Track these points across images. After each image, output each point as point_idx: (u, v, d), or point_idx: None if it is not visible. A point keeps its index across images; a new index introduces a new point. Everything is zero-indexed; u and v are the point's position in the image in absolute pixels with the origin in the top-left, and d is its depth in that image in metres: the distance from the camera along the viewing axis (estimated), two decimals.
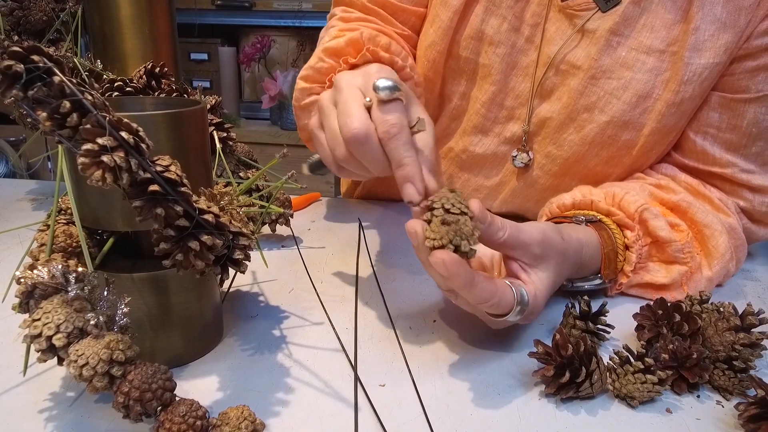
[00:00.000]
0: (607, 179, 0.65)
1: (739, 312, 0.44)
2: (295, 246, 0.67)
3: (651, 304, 0.48)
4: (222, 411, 0.36)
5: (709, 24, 0.56)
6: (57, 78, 0.29)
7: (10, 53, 0.28)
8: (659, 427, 0.39)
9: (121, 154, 0.30)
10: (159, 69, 0.59)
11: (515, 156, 0.69)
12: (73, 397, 0.40)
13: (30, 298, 0.36)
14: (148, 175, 0.31)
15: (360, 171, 0.46)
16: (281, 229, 0.69)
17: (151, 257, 0.38)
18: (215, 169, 0.54)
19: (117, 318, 0.35)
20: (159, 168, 0.32)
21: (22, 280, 0.35)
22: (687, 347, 0.42)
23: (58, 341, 0.33)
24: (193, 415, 0.34)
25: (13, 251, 0.63)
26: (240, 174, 0.64)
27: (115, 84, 0.55)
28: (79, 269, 0.36)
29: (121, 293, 0.36)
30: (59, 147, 0.39)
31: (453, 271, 0.38)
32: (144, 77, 0.58)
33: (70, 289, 0.34)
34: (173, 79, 0.60)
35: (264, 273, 0.60)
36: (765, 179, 0.60)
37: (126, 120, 0.31)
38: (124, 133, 0.30)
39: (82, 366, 0.32)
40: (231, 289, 0.55)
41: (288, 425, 0.38)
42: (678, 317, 0.45)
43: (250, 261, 0.38)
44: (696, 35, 0.56)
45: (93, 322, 0.34)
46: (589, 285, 0.55)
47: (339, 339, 0.48)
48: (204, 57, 2.28)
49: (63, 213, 0.45)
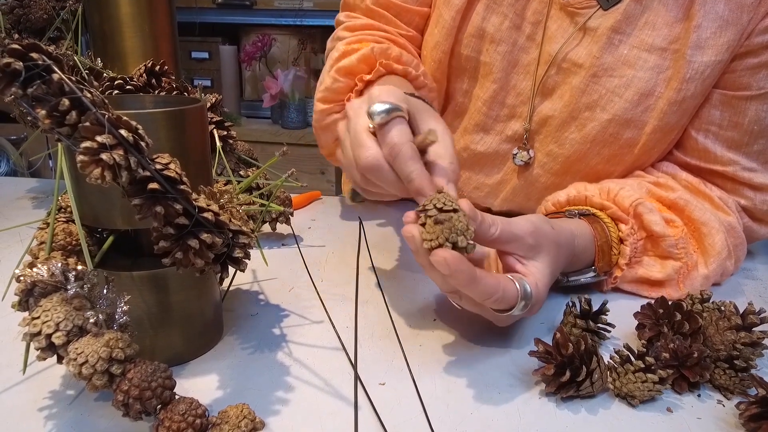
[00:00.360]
0: (609, 177, 0.65)
1: (740, 311, 0.44)
2: (296, 244, 0.67)
3: (652, 302, 0.48)
4: (222, 409, 0.36)
5: (711, 22, 0.56)
6: (56, 76, 0.29)
7: (9, 51, 0.28)
8: (660, 426, 0.39)
9: (121, 152, 0.30)
10: (159, 67, 0.59)
11: (516, 154, 0.69)
12: (73, 396, 0.40)
13: (29, 296, 0.36)
14: (147, 173, 0.31)
15: (384, 192, 0.48)
16: (281, 228, 0.69)
17: (151, 255, 0.38)
18: (215, 168, 0.53)
19: (116, 316, 0.35)
20: (158, 166, 0.32)
21: (21, 278, 0.35)
22: (688, 346, 0.42)
23: (57, 339, 0.33)
24: (193, 414, 0.34)
25: (14, 249, 0.63)
26: (240, 172, 0.64)
27: (115, 82, 0.55)
28: (79, 267, 0.36)
29: (121, 291, 0.36)
30: (59, 145, 0.39)
31: (455, 268, 0.38)
32: (144, 75, 0.58)
33: (69, 288, 0.34)
34: (173, 78, 0.60)
35: (264, 271, 0.60)
36: (766, 177, 0.60)
37: (125, 118, 0.31)
38: (123, 131, 0.30)
39: (81, 364, 0.32)
40: (231, 288, 0.55)
41: (288, 424, 0.38)
42: (679, 316, 0.45)
43: (249, 259, 0.38)
44: (698, 33, 0.56)
45: (92, 320, 0.34)
46: (585, 278, 0.55)
47: (339, 337, 0.48)
48: (205, 55, 2.27)
49: (63, 211, 0.45)
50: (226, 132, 0.59)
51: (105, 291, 0.35)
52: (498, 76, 0.67)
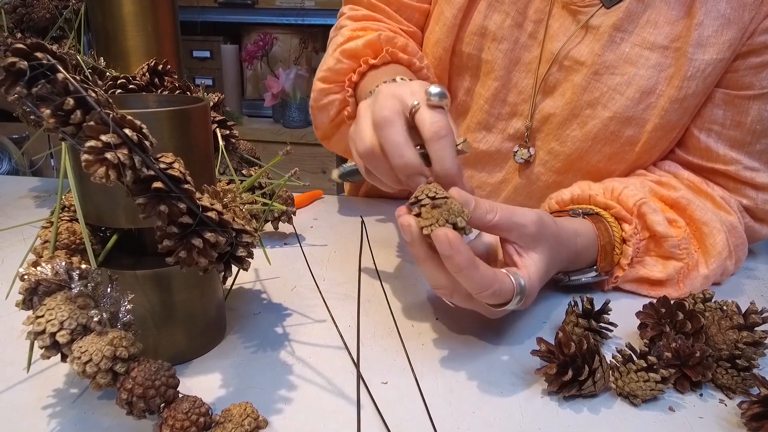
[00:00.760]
0: (610, 176, 0.65)
1: (742, 310, 0.44)
2: (298, 243, 0.67)
3: (654, 302, 0.48)
4: (225, 408, 0.36)
5: (713, 20, 0.56)
6: (61, 75, 0.29)
7: (13, 50, 0.28)
8: (662, 426, 0.39)
9: (125, 151, 0.30)
10: (162, 66, 0.59)
11: (516, 152, 0.69)
12: (77, 394, 0.40)
13: (33, 294, 0.36)
14: (151, 173, 0.31)
15: (386, 170, 0.48)
16: (284, 227, 0.69)
17: (155, 254, 0.39)
18: (218, 167, 0.54)
19: (120, 315, 0.35)
20: (162, 165, 0.32)
21: (25, 276, 0.36)
22: (690, 345, 0.42)
23: (61, 338, 0.33)
24: (196, 412, 0.34)
25: (17, 248, 0.63)
26: (243, 171, 0.64)
27: (118, 81, 0.55)
28: (83, 266, 0.36)
29: (125, 290, 0.36)
30: (62, 144, 0.39)
31: (456, 248, 0.38)
32: (147, 74, 0.58)
33: (73, 286, 0.34)
34: (176, 77, 0.60)
35: (267, 270, 0.60)
36: None
37: (129, 117, 0.31)
38: (127, 131, 0.30)
39: (85, 363, 0.32)
40: (234, 287, 0.56)
41: (290, 422, 0.38)
42: (681, 315, 0.45)
43: (252, 258, 0.38)
44: (699, 31, 0.56)
45: (96, 318, 0.34)
46: (586, 278, 0.55)
47: (341, 336, 0.48)
48: (206, 54, 2.28)
49: (66, 210, 0.45)
50: (228, 131, 0.59)
51: (109, 290, 0.35)
52: (500, 74, 0.67)
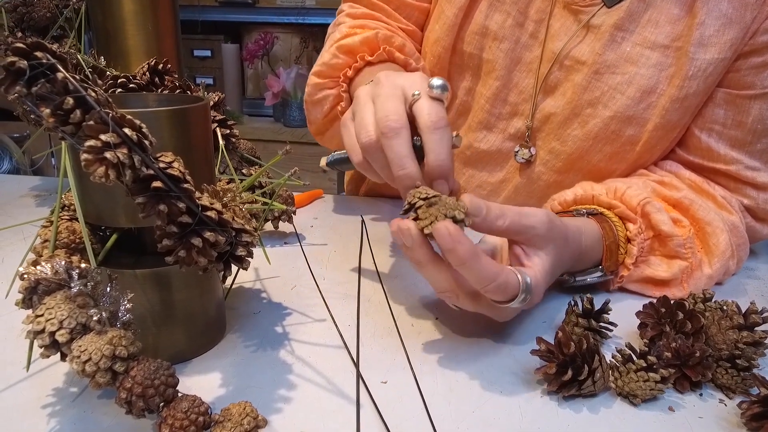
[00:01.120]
0: (611, 176, 0.65)
1: (742, 310, 0.44)
2: (298, 243, 0.67)
3: (654, 302, 0.48)
4: (224, 407, 0.36)
5: (715, 19, 0.56)
6: (60, 74, 0.29)
7: (13, 50, 0.28)
8: (662, 426, 0.39)
9: (125, 150, 0.30)
10: (162, 66, 0.59)
11: (517, 151, 0.69)
12: (76, 393, 0.40)
13: (33, 294, 0.36)
14: (151, 172, 0.31)
15: (384, 164, 0.47)
16: (284, 226, 0.69)
17: (154, 254, 0.39)
18: (218, 166, 0.54)
19: (120, 314, 0.35)
20: (162, 165, 0.32)
21: (25, 276, 0.36)
22: (690, 345, 0.42)
23: (61, 337, 0.33)
24: (196, 411, 0.34)
25: (17, 247, 0.63)
26: (243, 171, 0.64)
27: (119, 80, 0.55)
28: (82, 265, 0.36)
29: (124, 289, 0.36)
30: (63, 143, 0.39)
31: (457, 239, 0.38)
32: (147, 74, 0.58)
33: (73, 285, 0.34)
34: (176, 76, 0.60)
35: (266, 270, 0.60)
36: None
37: (129, 117, 0.31)
38: (127, 130, 0.30)
39: (84, 362, 0.32)
40: (233, 286, 0.56)
41: (290, 421, 0.38)
42: (681, 315, 0.45)
43: (252, 258, 0.38)
44: (701, 30, 0.56)
45: (96, 318, 0.34)
46: (591, 278, 0.55)
47: (341, 336, 0.48)
48: (207, 54, 2.28)
49: (66, 209, 0.45)
50: (228, 131, 0.59)
51: (108, 289, 0.35)
52: (500, 73, 0.67)
